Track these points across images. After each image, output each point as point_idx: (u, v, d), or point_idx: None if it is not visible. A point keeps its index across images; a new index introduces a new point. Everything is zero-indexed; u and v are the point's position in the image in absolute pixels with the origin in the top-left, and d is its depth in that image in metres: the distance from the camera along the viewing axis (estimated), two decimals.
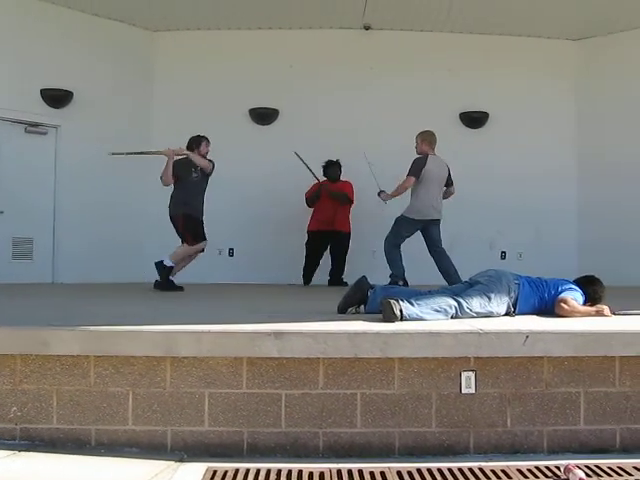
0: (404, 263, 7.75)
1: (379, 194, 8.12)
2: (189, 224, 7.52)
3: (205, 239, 7.64)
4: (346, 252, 9.27)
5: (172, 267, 7.41)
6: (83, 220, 9.19)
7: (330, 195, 9.14)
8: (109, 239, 9.23)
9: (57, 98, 9.27)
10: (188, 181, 7.58)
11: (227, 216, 9.38)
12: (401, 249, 7.79)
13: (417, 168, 7.71)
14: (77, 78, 9.33)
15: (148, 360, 3.57)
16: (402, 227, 7.78)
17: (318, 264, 9.29)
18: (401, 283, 7.28)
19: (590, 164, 10.14)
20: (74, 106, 9.37)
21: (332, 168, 9.38)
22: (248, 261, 9.83)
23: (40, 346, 3.54)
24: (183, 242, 7.57)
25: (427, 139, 7.90)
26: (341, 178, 9.41)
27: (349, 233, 9.31)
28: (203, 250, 7.69)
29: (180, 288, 7.35)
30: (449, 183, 7.99)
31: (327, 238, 9.28)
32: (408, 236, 7.84)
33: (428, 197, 7.75)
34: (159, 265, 7.37)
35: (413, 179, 7.71)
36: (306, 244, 9.34)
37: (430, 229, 7.82)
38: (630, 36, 9.84)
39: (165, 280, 7.37)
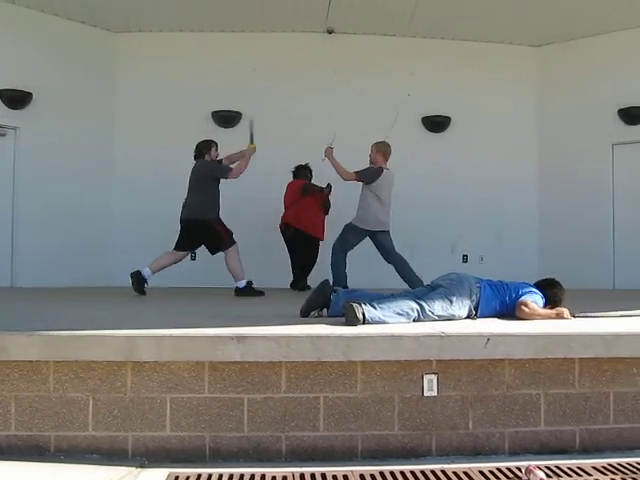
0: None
1: (327, 149, 8.01)
2: (223, 228, 7.55)
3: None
4: (315, 258, 9.13)
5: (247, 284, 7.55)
6: (43, 222, 9.05)
7: (324, 205, 9.01)
8: (71, 242, 9.11)
9: (16, 99, 9.10)
10: (213, 185, 7.62)
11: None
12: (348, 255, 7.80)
13: (369, 175, 7.76)
14: (37, 79, 9.18)
15: (109, 365, 3.53)
16: (350, 235, 7.80)
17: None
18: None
19: (550, 170, 10.28)
20: (33, 107, 9.22)
21: (302, 172, 9.23)
22: (210, 264, 9.75)
23: None
24: (221, 249, 7.56)
25: (382, 150, 7.91)
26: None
27: (319, 239, 9.08)
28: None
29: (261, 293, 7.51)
30: None
31: (300, 238, 8.95)
32: (355, 244, 7.85)
33: (375, 209, 7.76)
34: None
35: (355, 179, 7.77)
36: (286, 242, 9.13)
37: (378, 238, 7.81)
38: (588, 43, 9.99)
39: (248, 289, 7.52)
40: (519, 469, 3.31)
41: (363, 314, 4.02)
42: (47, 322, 4.08)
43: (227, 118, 10.11)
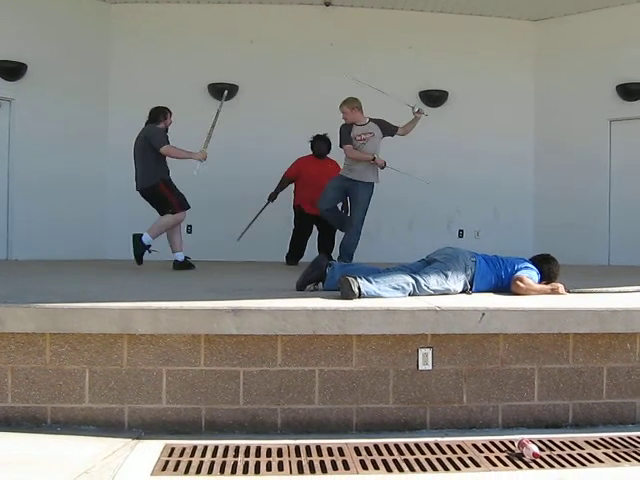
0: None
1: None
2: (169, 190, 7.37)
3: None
4: (334, 233, 8.91)
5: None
6: (38, 195, 9.01)
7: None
8: (65, 214, 9.08)
9: (10, 70, 9.01)
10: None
11: (184, 190, 9.29)
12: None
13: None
14: (31, 50, 9.09)
15: (105, 337, 3.54)
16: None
17: (305, 246, 8.86)
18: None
19: (547, 146, 10.25)
20: (28, 79, 9.14)
21: (317, 143, 8.88)
22: (207, 238, 9.75)
23: None
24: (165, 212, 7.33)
25: (357, 105, 7.63)
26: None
27: None
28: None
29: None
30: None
31: (315, 220, 8.66)
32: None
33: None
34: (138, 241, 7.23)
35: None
36: (296, 224, 8.93)
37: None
38: (587, 18, 9.91)
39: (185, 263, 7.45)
40: (512, 442, 3.34)
41: (359, 288, 4.02)
42: (43, 295, 4.09)
43: (223, 90, 10.03)
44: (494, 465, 3.09)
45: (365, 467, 3.05)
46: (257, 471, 3.00)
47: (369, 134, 7.48)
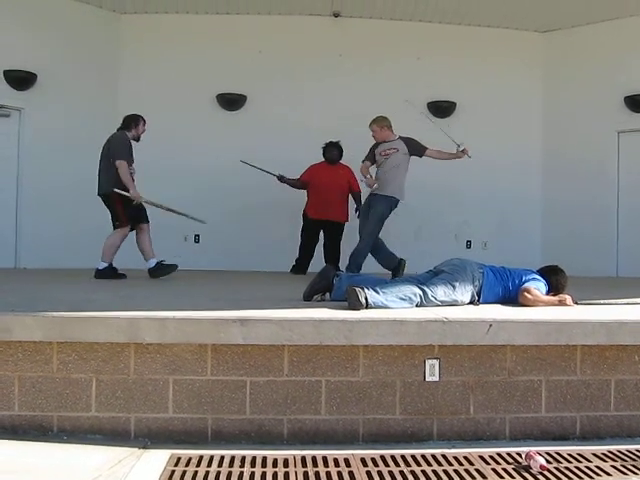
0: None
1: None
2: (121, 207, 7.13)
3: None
4: (339, 242, 8.91)
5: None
6: (48, 204, 9.05)
7: (356, 210, 8.63)
8: (75, 223, 9.09)
9: (21, 80, 9.07)
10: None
11: (193, 201, 9.31)
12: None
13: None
14: (41, 60, 9.15)
15: (112, 346, 3.54)
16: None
17: (312, 254, 8.92)
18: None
19: (555, 157, 10.24)
20: (38, 88, 9.20)
21: (329, 149, 8.96)
22: (214, 247, 9.77)
23: (2, 332, 3.49)
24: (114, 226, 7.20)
25: (386, 124, 7.67)
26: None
27: (343, 223, 8.95)
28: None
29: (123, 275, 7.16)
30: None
31: (327, 227, 8.87)
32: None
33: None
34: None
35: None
36: (302, 230, 9.03)
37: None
38: (595, 29, 9.91)
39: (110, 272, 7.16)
40: (519, 454, 3.32)
41: (366, 298, 4.02)
42: (51, 303, 4.09)
43: (232, 101, 10.09)
44: (501, 477, 3.08)
45: (371, 478, 3.04)
46: None
47: (393, 149, 7.52)
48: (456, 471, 3.14)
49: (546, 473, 3.10)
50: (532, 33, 10.44)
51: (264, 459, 3.25)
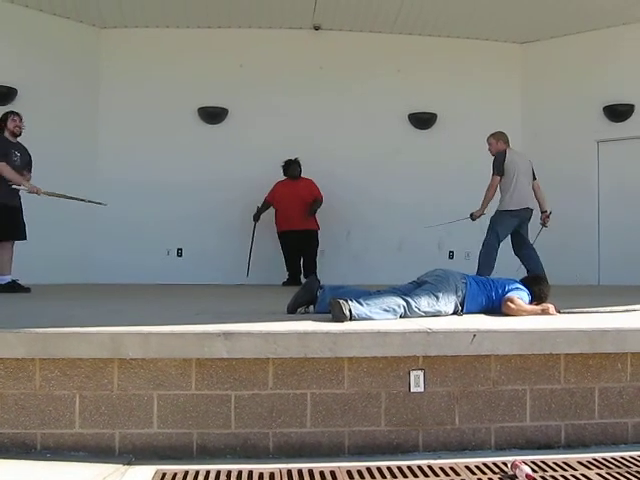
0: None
1: (471, 217, 8.03)
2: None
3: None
4: (316, 250, 9.29)
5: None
6: (28, 220, 8.97)
7: (310, 213, 9.20)
8: (55, 239, 9.03)
9: (1, 95, 9.05)
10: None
11: (175, 215, 9.30)
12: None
13: (499, 164, 7.71)
14: (21, 75, 9.14)
15: (95, 362, 3.51)
16: (501, 225, 7.74)
17: (300, 264, 9.31)
18: None
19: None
20: (18, 103, 9.14)
21: (292, 166, 9.43)
22: (197, 261, 9.75)
23: None
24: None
25: (502, 138, 7.90)
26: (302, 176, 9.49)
27: (316, 230, 9.31)
28: None
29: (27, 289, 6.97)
30: (534, 176, 7.97)
31: (297, 236, 9.24)
32: (507, 234, 7.83)
33: (518, 188, 7.74)
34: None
35: (498, 178, 7.71)
36: (282, 247, 9.41)
37: (524, 225, 7.85)
38: (573, 40, 10.03)
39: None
40: (505, 464, 3.32)
41: (350, 310, 4.01)
42: (33, 319, 4.06)
43: (213, 114, 10.10)
44: None
45: None
46: None
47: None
48: None
49: None
50: (511, 44, 10.55)
51: (250, 473, 3.23)
